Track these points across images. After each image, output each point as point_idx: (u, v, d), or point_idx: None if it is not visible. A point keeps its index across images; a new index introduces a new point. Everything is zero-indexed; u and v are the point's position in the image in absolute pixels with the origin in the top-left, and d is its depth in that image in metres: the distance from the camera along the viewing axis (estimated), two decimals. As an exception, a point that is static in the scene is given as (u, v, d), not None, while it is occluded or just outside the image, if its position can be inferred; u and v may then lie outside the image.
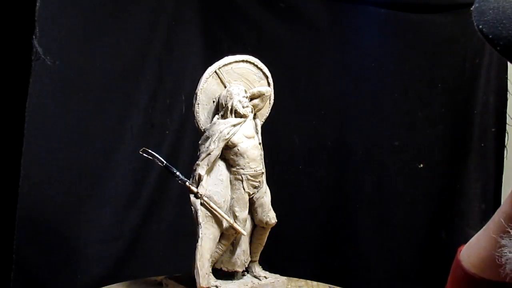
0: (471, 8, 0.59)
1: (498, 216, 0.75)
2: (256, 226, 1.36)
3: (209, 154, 1.25)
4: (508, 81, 1.89)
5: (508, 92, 1.89)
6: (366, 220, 1.98)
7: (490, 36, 0.55)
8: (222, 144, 1.26)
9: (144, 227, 1.83)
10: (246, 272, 1.38)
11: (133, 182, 1.79)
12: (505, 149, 1.91)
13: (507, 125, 1.89)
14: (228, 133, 1.26)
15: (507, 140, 1.90)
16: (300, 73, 1.99)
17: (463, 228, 1.86)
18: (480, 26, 0.56)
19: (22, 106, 1.43)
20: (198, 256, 1.24)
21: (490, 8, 0.57)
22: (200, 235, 1.25)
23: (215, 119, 1.31)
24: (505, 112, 1.89)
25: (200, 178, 1.26)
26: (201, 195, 1.25)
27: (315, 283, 1.54)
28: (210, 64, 1.32)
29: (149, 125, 1.84)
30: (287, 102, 1.97)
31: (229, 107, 1.28)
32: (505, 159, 1.90)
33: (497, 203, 1.87)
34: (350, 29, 1.96)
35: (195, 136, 1.38)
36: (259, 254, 1.39)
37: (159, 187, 1.86)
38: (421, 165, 1.91)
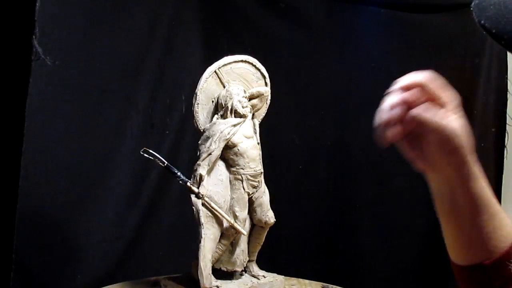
0: (471, 5, 0.59)
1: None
2: (255, 225, 1.36)
3: (210, 154, 1.26)
4: (508, 81, 1.89)
5: (508, 92, 1.89)
6: (366, 220, 1.98)
7: (494, 31, 0.55)
8: (222, 144, 1.26)
9: (144, 227, 1.83)
10: (243, 272, 1.38)
11: (133, 182, 1.79)
12: (505, 149, 1.91)
13: (507, 125, 1.89)
14: (228, 133, 1.26)
15: (507, 140, 1.90)
16: (300, 73, 1.99)
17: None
18: (482, 21, 0.56)
19: (22, 106, 1.43)
20: (201, 257, 1.24)
21: (491, 4, 0.57)
22: (202, 235, 1.24)
23: (214, 119, 1.31)
24: (505, 112, 1.89)
25: (201, 178, 1.26)
26: (202, 195, 1.25)
27: (307, 281, 1.55)
28: (210, 64, 1.32)
29: (149, 125, 1.83)
30: (287, 102, 1.97)
31: (229, 107, 1.28)
32: (505, 159, 1.90)
33: (497, 203, 1.87)
34: (350, 29, 1.96)
35: (195, 136, 1.38)
36: (256, 254, 1.39)
37: (159, 187, 1.86)
38: (421, 165, 1.91)
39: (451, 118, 0.74)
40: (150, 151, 1.29)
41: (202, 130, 1.32)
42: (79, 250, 1.66)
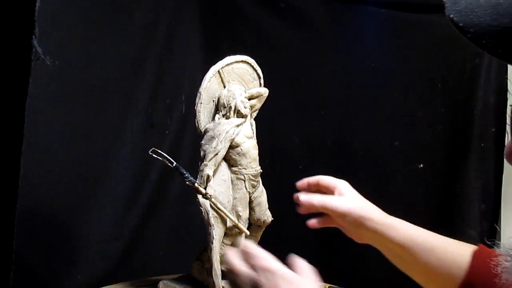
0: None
1: None
2: (251, 225, 1.36)
3: (216, 154, 1.25)
4: (508, 81, 1.88)
5: (508, 92, 1.89)
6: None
7: (461, 24, 0.54)
8: (228, 144, 1.26)
9: (144, 227, 1.83)
10: None
11: (133, 182, 1.79)
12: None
13: (507, 125, 1.89)
14: (233, 133, 1.26)
15: (507, 140, 1.90)
16: (300, 73, 1.99)
17: (463, 228, 1.86)
18: (451, 15, 0.55)
19: (21, 106, 1.43)
20: (214, 258, 1.23)
21: None
22: (214, 236, 1.24)
23: (216, 118, 1.30)
24: (505, 112, 1.88)
25: (208, 179, 1.26)
26: (210, 195, 1.25)
27: None
28: (210, 64, 1.32)
29: (149, 125, 1.84)
30: (287, 102, 1.97)
31: (232, 107, 1.28)
32: (505, 159, 1.90)
33: (497, 203, 1.87)
34: (350, 29, 1.96)
35: (195, 136, 1.37)
36: None
37: (159, 187, 1.86)
38: (421, 165, 1.91)
39: (333, 198, 1.10)
40: (158, 151, 1.28)
41: (203, 130, 1.31)
42: (79, 250, 1.65)
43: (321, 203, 1.08)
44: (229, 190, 1.29)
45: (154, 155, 1.28)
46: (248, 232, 1.31)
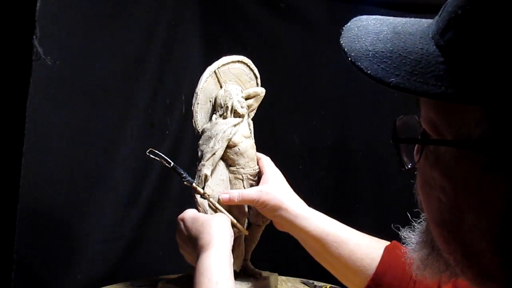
0: (342, 27, 0.59)
1: None
2: (251, 224, 1.36)
3: (214, 154, 1.26)
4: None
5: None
6: (366, 220, 1.98)
7: (346, 49, 0.55)
8: (225, 144, 1.26)
9: (144, 227, 1.83)
10: (240, 271, 1.38)
11: (133, 182, 1.80)
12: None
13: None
14: (230, 133, 1.26)
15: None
16: (300, 73, 1.99)
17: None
18: (341, 42, 0.56)
19: (22, 106, 1.43)
20: None
21: (357, 26, 0.59)
22: None
23: (213, 119, 1.30)
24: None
25: (206, 179, 1.26)
26: (208, 195, 1.25)
27: (284, 277, 1.56)
28: (210, 64, 1.32)
29: (149, 125, 1.84)
30: (287, 102, 1.98)
31: (229, 107, 1.28)
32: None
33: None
34: (350, 29, 1.96)
35: (195, 136, 1.38)
36: (250, 253, 1.39)
37: (159, 187, 1.86)
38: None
39: (251, 190, 1.20)
40: (156, 151, 1.28)
41: (201, 130, 1.31)
42: (79, 250, 1.66)
43: (239, 198, 1.19)
44: (228, 189, 1.29)
45: (151, 156, 1.28)
46: (247, 232, 1.32)
